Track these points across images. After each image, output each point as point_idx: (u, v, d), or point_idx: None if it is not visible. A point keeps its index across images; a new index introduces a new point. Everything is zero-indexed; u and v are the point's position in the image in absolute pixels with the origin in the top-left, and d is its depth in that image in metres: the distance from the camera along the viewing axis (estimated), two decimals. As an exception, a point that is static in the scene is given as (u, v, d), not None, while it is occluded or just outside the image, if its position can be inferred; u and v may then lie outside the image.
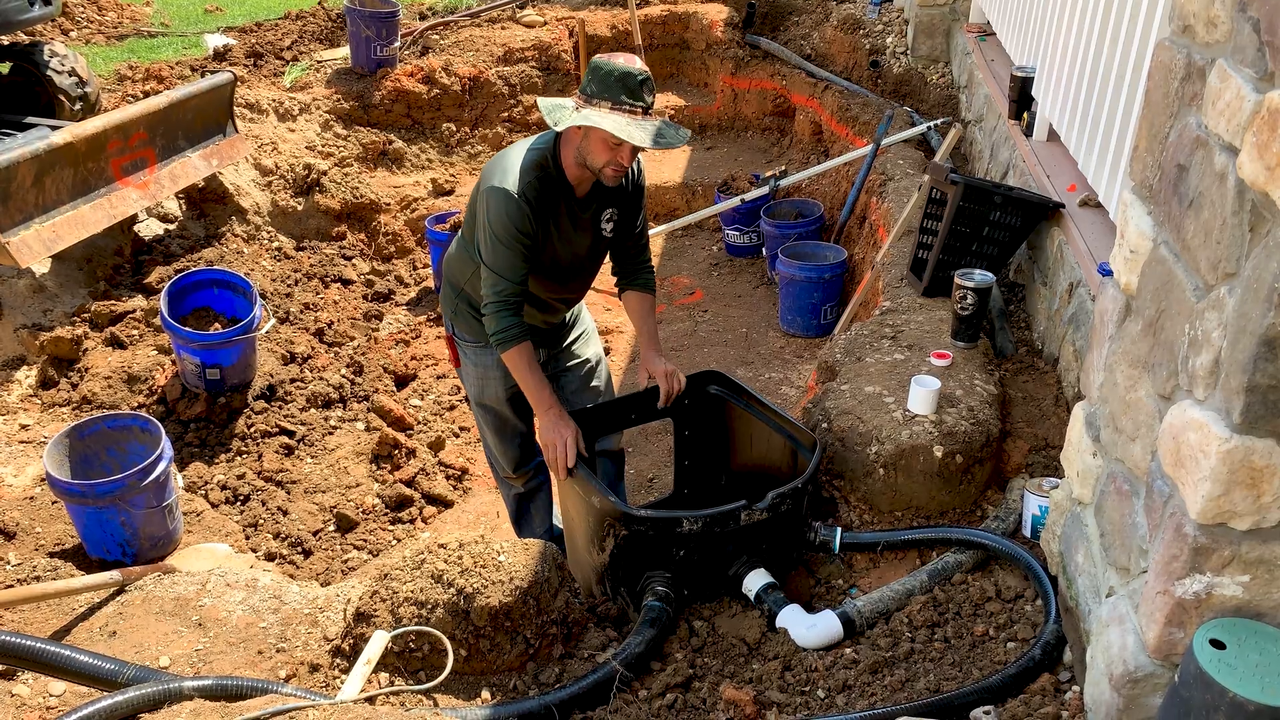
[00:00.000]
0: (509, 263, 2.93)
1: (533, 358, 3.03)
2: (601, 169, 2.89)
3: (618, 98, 2.77)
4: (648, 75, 2.80)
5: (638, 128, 2.77)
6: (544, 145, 2.97)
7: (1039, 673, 2.40)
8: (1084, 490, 2.40)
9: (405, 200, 6.95)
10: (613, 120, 2.75)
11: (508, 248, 2.91)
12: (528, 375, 3.03)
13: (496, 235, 2.91)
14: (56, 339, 4.69)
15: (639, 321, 3.41)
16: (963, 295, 3.53)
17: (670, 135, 2.85)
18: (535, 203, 2.91)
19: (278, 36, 7.98)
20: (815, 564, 3.10)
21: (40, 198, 4.63)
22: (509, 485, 3.69)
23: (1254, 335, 1.59)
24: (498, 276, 2.95)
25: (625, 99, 2.77)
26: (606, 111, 2.77)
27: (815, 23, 7.93)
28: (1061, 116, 4.16)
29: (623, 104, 2.77)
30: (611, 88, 2.77)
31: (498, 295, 2.97)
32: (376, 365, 5.36)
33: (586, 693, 2.50)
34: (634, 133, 2.76)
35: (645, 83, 2.79)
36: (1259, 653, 1.74)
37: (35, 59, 5.87)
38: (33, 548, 3.57)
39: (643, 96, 2.79)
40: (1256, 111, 1.59)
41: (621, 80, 2.76)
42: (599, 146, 2.84)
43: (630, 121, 2.77)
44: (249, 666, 2.68)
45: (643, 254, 3.35)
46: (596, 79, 2.79)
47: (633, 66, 2.78)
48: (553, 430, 2.98)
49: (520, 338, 2.99)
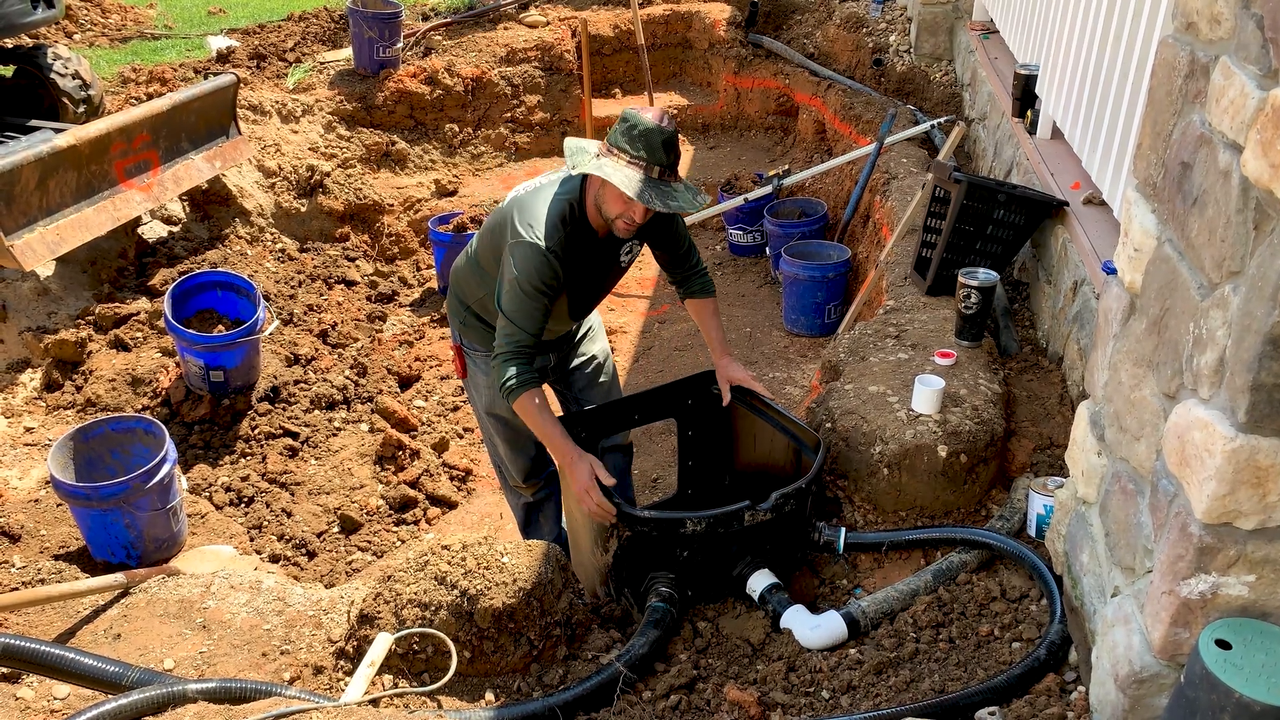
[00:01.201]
0: (530, 315, 2.88)
1: (543, 401, 2.95)
2: (613, 220, 2.87)
3: (637, 153, 2.74)
4: (672, 135, 2.76)
5: (650, 187, 2.73)
6: (569, 192, 2.94)
7: (1044, 673, 2.40)
8: (1089, 489, 2.39)
9: (408, 201, 6.96)
10: (625, 175, 2.72)
11: (532, 300, 2.87)
12: (539, 421, 2.95)
13: (522, 288, 2.86)
14: (61, 342, 4.70)
15: (705, 327, 3.39)
16: (967, 294, 3.52)
17: (683, 199, 2.80)
18: (564, 255, 2.89)
19: (280, 38, 7.99)
20: (819, 564, 3.09)
21: (44, 200, 4.64)
22: (517, 494, 3.67)
23: (1259, 333, 1.58)
24: (516, 328, 2.89)
25: (644, 156, 2.73)
26: (624, 164, 2.74)
27: (818, 21, 7.92)
28: (1065, 114, 4.15)
29: (641, 160, 2.74)
30: (634, 142, 2.74)
31: (513, 346, 2.90)
32: (380, 366, 5.36)
33: (590, 694, 2.50)
34: (644, 192, 2.72)
35: (668, 142, 2.75)
36: (1265, 653, 1.73)
37: (39, 62, 5.89)
38: (37, 550, 3.58)
39: (663, 156, 2.75)
40: (1260, 109, 1.58)
41: (644, 136, 2.73)
42: (613, 198, 2.82)
43: (644, 180, 2.73)
44: (253, 669, 2.68)
45: (690, 261, 3.30)
46: (623, 129, 2.77)
47: (659, 124, 2.74)
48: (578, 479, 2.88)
49: (528, 384, 2.91)
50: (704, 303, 3.34)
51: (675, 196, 2.78)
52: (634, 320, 6.00)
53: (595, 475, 2.85)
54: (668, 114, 2.80)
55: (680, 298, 3.40)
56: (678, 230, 3.21)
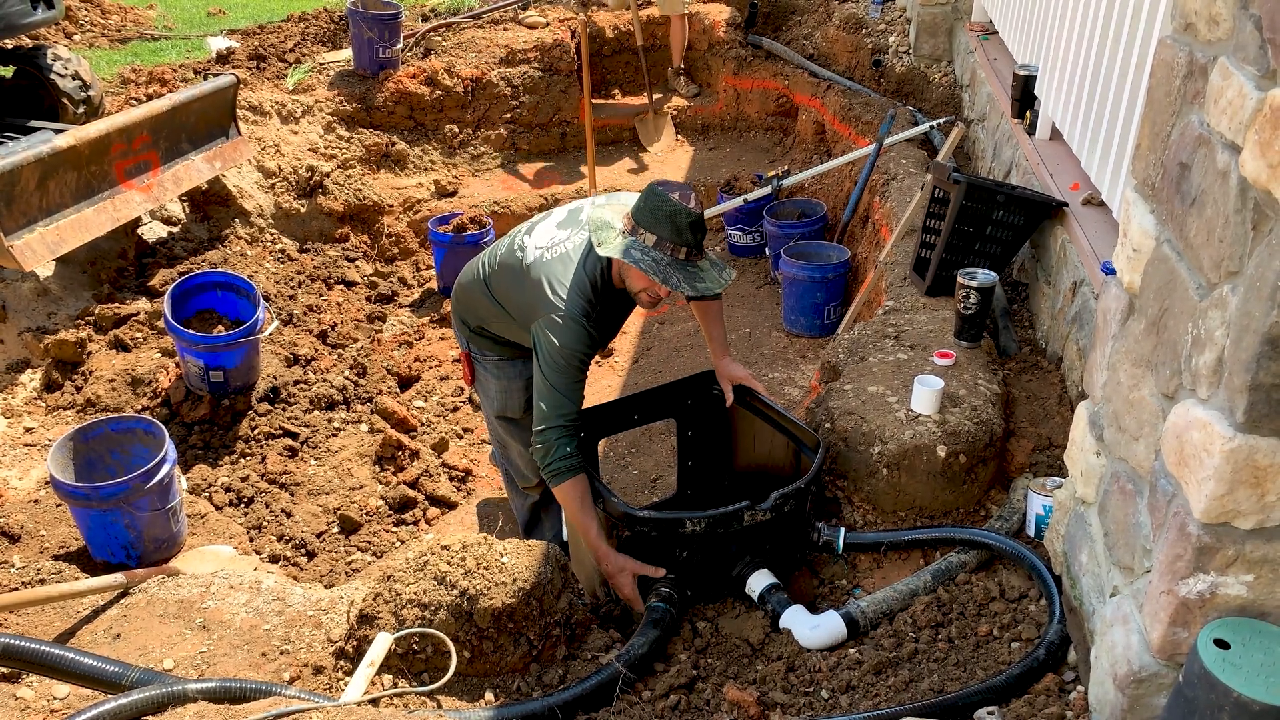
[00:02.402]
0: (574, 388, 2.90)
1: (587, 491, 2.93)
2: (637, 293, 2.91)
3: (663, 234, 2.74)
4: (698, 216, 2.75)
5: (676, 270, 2.75)
6: (593, 264, 2.93)
7: (1043, 673, 2.40)
8: (1087, 490, 2.39)
9: (408, 202, 6.96)
10: (652, 259, 2.74)
11: (576, 375, 2.89)
12: (580, 516, 2.93)
13: (566, 362, 2.87)
14: (60, 342, 4.70)
15: (707, 326, 3.41)
16: (966, 294, 3.52)
17: (710, 279, 2.81)
18: (596, 320, 2.91)
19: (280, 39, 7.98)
20: (819, 564, 3.10)
21: (44, 201, 4.64)
22: (525, 495, 3.68)
23: (1257, 334, 1.58)
24: (562, 399, 2.89)
25: (671, 237, 2.74)
26: (650, 246, 2.75)
27: (817, 22, 7.92)
28: (1064, 115, 4.15)
29: (666, 241, 2.74)
30: (660, 223, 2.74)
31: (563, 418, 2.89)
32: (380, 367, 5.37)
33: (590, 694, 2.50)
34: (670, 276, 2.73)
35: (695, 224, 2.75)
36: (1263, 652, 1.73)
37: (38, 62, 5.88)
38: (37, 550, 3.58)
39: (690, 237, 2.75)
40: (1259, 109, 1.58)
41: (671, 218, 2.73)
42: (637, 275, 2.84)
43: (670, 262, 2.74)
44: (253, 669, 2.68)
45: None
46: (648, 208, 2.76)
47: (685, 205, 2.74)
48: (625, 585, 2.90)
49: (577, 469, 2.90)
50: (708, 303, 3.35)
51: (702, 277, 2.79)
52: (633, 321, 6.00)
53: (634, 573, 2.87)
54: (694, 191, 2.80)
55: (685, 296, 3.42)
56: None
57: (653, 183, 2.81)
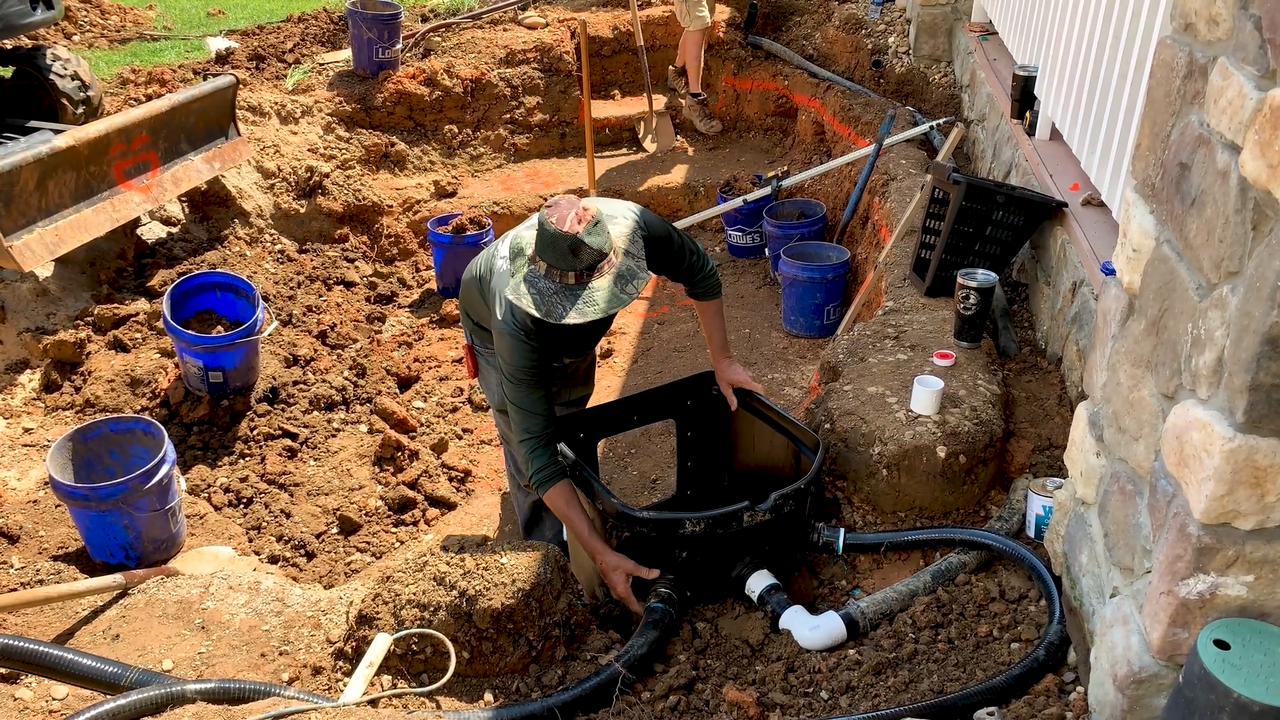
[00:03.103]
0: (533, 400, 2.91)
1: (572, 495, 2.97)
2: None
3: (550, 260, 2.65)
4: (575, 239, 2.61)
5: (564, 298, 2.64)
6: None
7: (1043, 673, 2.40)
8: (1087, 490, 2.39)
9: (407, 202, 6.96)
10: (537, 291, 2.65)
11: (529, 387, 2.89)
12: (571, 515, 2.97)
13: (514, 376, 2.89)
14: (59, 342, 4.70)
15: (707, 327, 3.39)
16: (966, 295, 3.52)
17: (603, 299, 2.66)
18: (539, 334, 2.87)
19: (280, 39, 7.98)
20: (818, 565, 3.09)
21: (43, 201, 4.64)
22: (526, 493, 3.68)
23: (1257, 334, 1.58)
24: (526, 414, 2.91)
25: (558, 263, 2.64)
26: (542, 273, 2.67)
27: (817, 23, 7.92)
28: (1064, 115, 4.15)
29: (554, 269, 2.66)
30: (545, 249, 2.65)
31: (529, 433, 2.93)
32: (379, 367, 5.36)
33: (589, 695, 2.50)
34: (555, 306, 2.64)
35: (574, 246, 2.61)
36: (1263, 653, 1.73)
37: (38, 63, 5.88)
38: (36, 551, 3.58)
39: (574, 262, 2.64)
40: (1258, 109, 1.58)
41: (552, 244, 2.63)
42: None
43: (559, 290, 2.65)
44: (252, 669, 2.68)
45: (700, 272, 3.27)
46: (539, 236, 2.67)
47: (560, 229, 2.60)
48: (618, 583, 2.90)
49: (558, 476, 2.94)
50: (707, 304, 3.35)
51: (594, 300, 2.66)
52: (633, 321, 6.00)
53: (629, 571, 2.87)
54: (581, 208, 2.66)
55: (687, 294, 3.41)
56: (674, 251, 3.15)
57: (541, 211, 2.70)
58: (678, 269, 3.22)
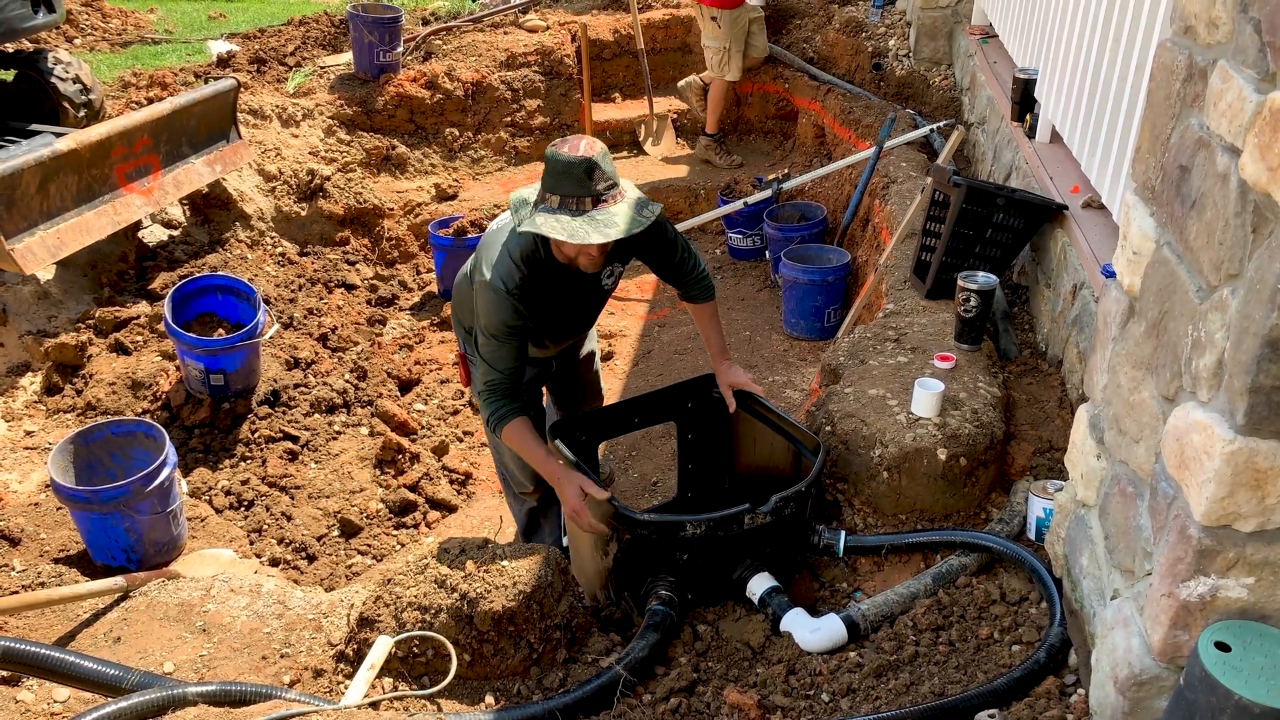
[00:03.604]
0: (501, 357, 2.92)
1: (527, 428, 2.99)
2: (574, 259, 2.85)
3: (566, 190, 2.66)
4: (588, 161, 2.65)
5: (586, 222, 2.65)
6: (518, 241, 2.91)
7: (1044, 676, 2.40)
8: (1088, 492, 2.39)
9: (408, 205, 6.96)
10: (557, 223, 2.65)
11: (500, 343, 2.90)
12: (529, 449, 3.00)
13: (491, 334, 2.90)
14: (61, 345, 4.70)
15: (704, 331, 3.39)
16: (966, 298, 3.53)
17: (623, 220, 2.69)
18: (524, 292, 2.87)
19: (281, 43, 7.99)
20: (819, 567, 3.10)
21: (45, 204, 4.64)
22: (522, 501, 3.68)
23: (1257, 336, 1.58)
24: (489, 368, 2.95)
25: (574, 190, 2.66)
26: (555, 206, 2.68)
27: (817, 26, 7.93)
28: (1064, 118, 4.16)
29: (570, 197, 2.66)
30: (560, 181, 2.67)
31: (488, 386, 2.96)
32: (380, 370, 5.37)
33: (590, 697, 2.50)
34: (578, 230, 2.64)
35: (589, 169, 2.65)
36: (1264, 655, 1.73)
37: (39, 66, 5.89)
38: (37, 554, 3.58)
39: (589, 186, 2.66)
40: (1258, 112, 1.58)
41: (566, 172, 2.65)
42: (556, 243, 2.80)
43: (578, 215, 2.65)
44: (253, 672, 2.68)
45: (686, 270, 3.26)
46: (548, 171, 2.70)
47: (574, 156, 2.64)
48: (569, 500, 2.91)
49: (515, 413, 2.96)
50: (702, 307, 3.35)
51: (614, 222, 2.68)
52: (633, 324, 6.00)
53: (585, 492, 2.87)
54: (587, 139, 2.71)
55: (680, 298, 3.41)
56: (667, 242, 3.14)
57: (549, 147, 2.75)
58: (669, 263, 3.21)
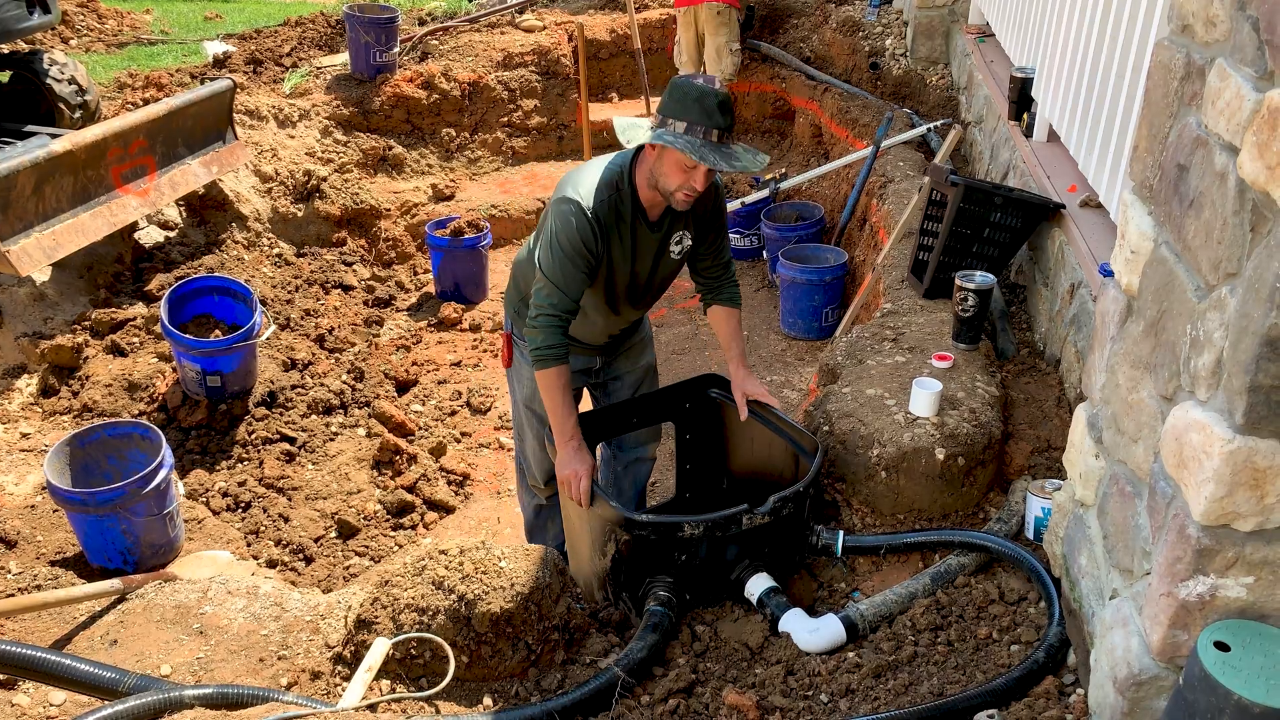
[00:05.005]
0: (569, 277, 2.86)
1: (566, 382, 2.95)
2: (673, 192, 2.81)
3: (694, 118, 2.67)
4: (726, 96, 2.71)
5: (712, 150, 2.67)
6: (621, 163, 2.91)
7: (1043, 676, 2.39)
8: (1086, 492, 2.39)
9: (405, 206, 6.96)
10: (686, 141, 2.67)
11: (571, 262, 2.85)
12: (557, 400, 2.95)
13: (562, 247, 2.84)
14: (57, 347, 4.69)
15: (725, 339, 3.31)
16: (964, 297, 3.52)
17: (746, 159, 2.73)
18: (604, 221, 2.86)
19: (277, 43, 7.99)
20: (817, 568, 3.09)
21: (40, 206, 4.63)
22: (532, 494, 3.66)
23: (1256, 335, 1.58)
24: (554, 288, 2.88)
25: (701, 119, 2.67)
26: (681, 132, 2.69)
27: (814, 25, 7.93)
28: (1061, 117, 4.16)
29: (697, 125, 2.68)
30: (689, 108, 2.68)
31: (551, 309, 2.89)
32: (377, 371, 5.36)
33: (589, 699, 2.49)
34: (707, 154, 2.66)
35: (723, 104, 2.69)
36: (1264, 654, 1.73)
37: (35, 67, 5.88)
38: (34, 556, 3.57)
39: (720, 119, 2.69)
40: (1256, 111, 1.58)
41: (699, 100, 2.67)
42: (672, 168, 2.76)
43: (705, 144, 2.68)
44: (250, 674, 2.67)
45: (726, 271, 3.26)
46: (674, 98, 2.71)
47: (711, 86, 2.69)
48: (570, 464, 2.91)
49: (560, 359, 2.91)
50: (730, 312, 3.29)
51: (737, 157, 2.72)
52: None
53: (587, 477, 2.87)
54: (716, 79, 2.76)
55: (705, 305, 3.34)
56: (721, 224, 3.15)
57: (675, 78, 2.76)
58: (715, 250, 3.18)
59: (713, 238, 3.15)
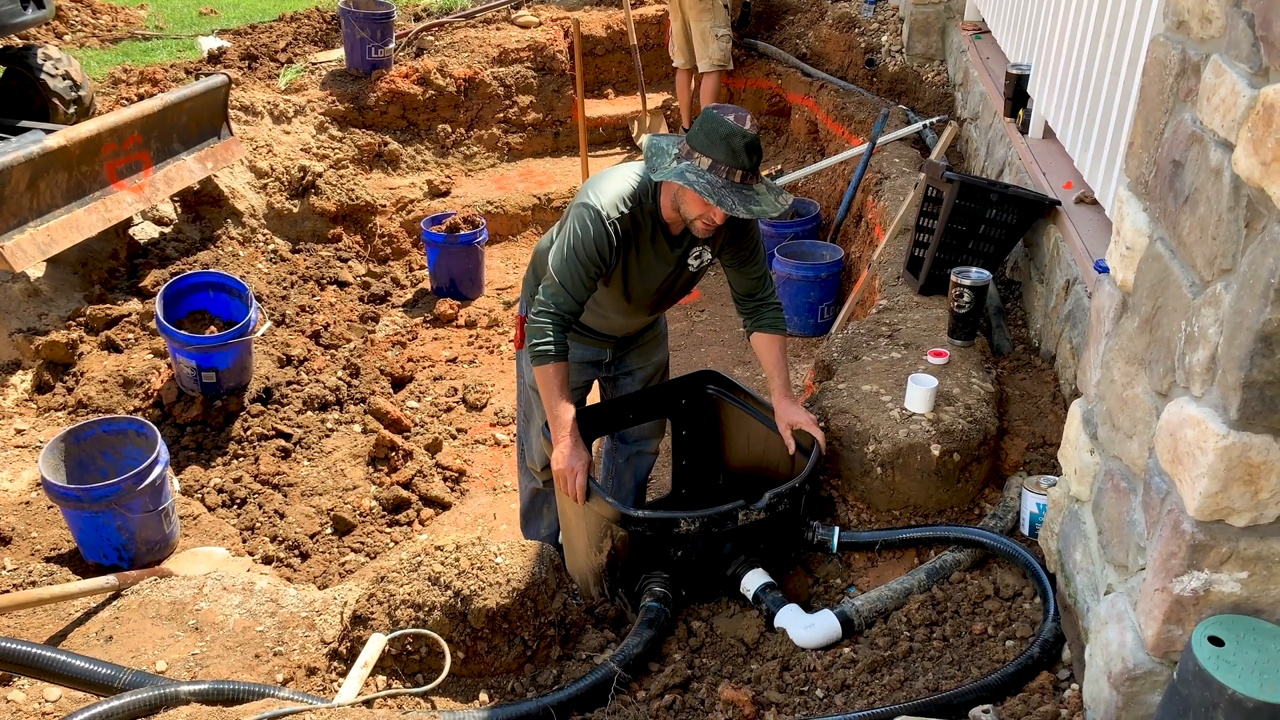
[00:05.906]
0: (577, 280, 2.87)
1: (564, 379, 2.96)
2: (693, 220, 2.83)
3: (719, 156, 2.69)
4: (753, 138, 2.71)
5: (731, 192, 2.69)
6: (643, 186, 2.91)
7: (1038, 671, 2.40)
8: (1081, 488, 2.39)
9: (401, 202, 6.95)
10: (707, 181, 2.68)
11: (582, 266, 2.86)
12: (554, 396, 2.94)
13: (575, 251, 2.85)
14: (51, 343, 4.68)
15: (769, 367, 3.21)
16: (959, 293, 3.53)
17: (766, 203, 2.74)
18: (622, 231, 2.86)
19: (272, 39, 7.96)
20: (813, 563, 3.10)
21: (34, 201, 4.62)
22: (530, 477, 3.67)
23: (1250, 331, 1.58)
24: (561, 288, 2.89)
25: (727, 159, 2.69)
26: (704, 169, 2.70)
27: (810, 22, 7.92)
28: (1057, 114, 4.16)
29: (721, 164, 2.69)
30: (716, 145, 2.69)
31: (556, 307, 2.90)
32: (373, 367, 5.35)
33: (584, 694, 2.49)
34: (726, 198, 2.68)
35: (750, 146, 2.70)
36: (1257, 649, 1.73)
37: (29, 62, 5.86)
38: (28, 552, 3.56)
39: (745, 160, 2.70)
40: (1251, 107, 1.58)
41: (727, 139, 2.68)
42: (692, 200, 2.78)
43: (726, 184, 2.69)
44: (246, 670, 2.67)
45: (763, 289, 3.20)
46: (704, 131, 2.73)
47: (741, 127, 2.70)
48: (566, 459, 2.91)
49: (559, 357, 2.92)
50: (774, 339, 3.20)
51: (757, 200, 2.73)
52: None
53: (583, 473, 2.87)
54: (749, 115, 2.76)
55: (747, 331, 3.28)
56: (755, 243, 3.12)
57: (708, 107, 2.78)
58: (750, 268, 3.14)
59: (738, 250, 3.12)
